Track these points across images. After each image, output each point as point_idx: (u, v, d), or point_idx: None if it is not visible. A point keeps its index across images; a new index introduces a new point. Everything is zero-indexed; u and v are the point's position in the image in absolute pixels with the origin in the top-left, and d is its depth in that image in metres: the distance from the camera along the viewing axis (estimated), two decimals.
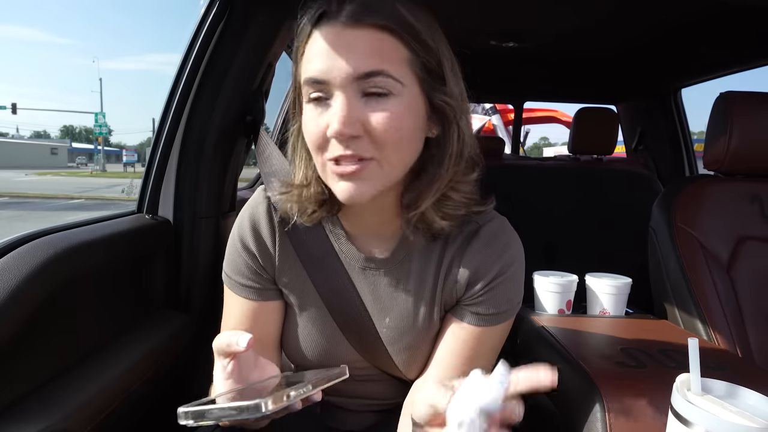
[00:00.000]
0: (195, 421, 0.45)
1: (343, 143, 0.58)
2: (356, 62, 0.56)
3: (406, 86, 0.59)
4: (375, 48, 0.57)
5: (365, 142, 0.58)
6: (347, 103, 0.57)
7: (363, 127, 0.57)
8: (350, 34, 0.57)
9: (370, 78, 0.57)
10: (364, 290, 0.73)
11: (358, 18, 0.57)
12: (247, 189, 1.86)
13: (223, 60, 1.12)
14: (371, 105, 0.58)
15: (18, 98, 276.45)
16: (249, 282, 0.73)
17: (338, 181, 0.60)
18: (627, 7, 1.38)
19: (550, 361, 0.90)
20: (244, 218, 0.73)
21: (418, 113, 0.61)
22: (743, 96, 1.16)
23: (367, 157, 0.58)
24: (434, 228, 0.67)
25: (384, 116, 0.57)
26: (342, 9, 0.58)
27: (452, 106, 0.62)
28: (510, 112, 4.95)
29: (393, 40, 0.57)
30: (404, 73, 0.58)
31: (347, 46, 0.57)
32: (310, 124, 0.60)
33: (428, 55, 0.60)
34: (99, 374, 0.82)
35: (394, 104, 0.58)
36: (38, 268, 0.71)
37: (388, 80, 0.57)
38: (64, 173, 33.78)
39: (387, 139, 0.58)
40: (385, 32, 0.57)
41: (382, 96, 0.58)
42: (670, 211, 1.19)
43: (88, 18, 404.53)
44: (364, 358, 0.75)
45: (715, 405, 0.51)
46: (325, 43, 0.58)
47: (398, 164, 0.62)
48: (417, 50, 0.59)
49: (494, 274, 0.69)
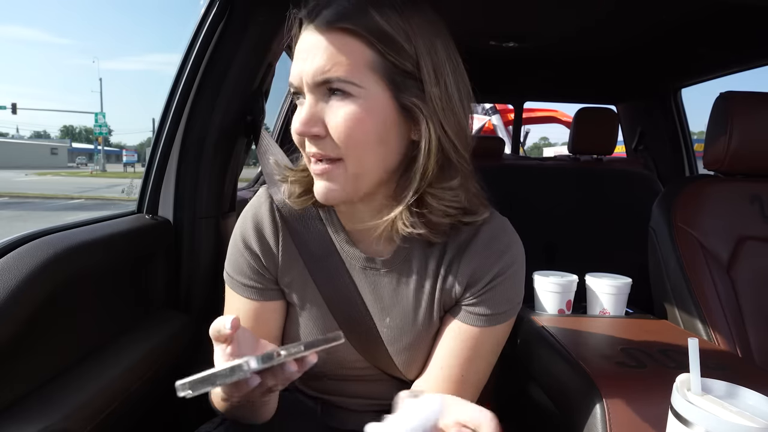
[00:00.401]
0: (193, 390, 0.45)
1: (310, 142, 0.62)
2: (315, 67, 0.59)
3: (366, 89, 0.59)
4: (335, 53, 0.59)
5: (329, 142, 0.61)
6: (310, 104, 0.61)
7: (324, 127, 0.60)
8: (317, 39, 0.60)
9: (328, 84, 0.59)
10: (365, 290, 0.73)
11: (328, 23, 0.59)
12: (247, 189, 1.86)
13: (223, 60, 1.12)
14: (332, 106, 0.60)
15: (18, 98, 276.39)
16: (251, 282, 0.73)
17: (316, 181, 0.64)
18: (627, 8, 1.38)
19: (550, 361, 0.90)
20: (247, 218, 0.73)
21: (384, 115, 0.61)
22: (743, 96, 1.16)
23: (332, 156, 0.61)
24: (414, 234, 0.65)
25: (342, 117, 0.59)
26: (319, 14, 0.60)
27: (421, 109, 0.61)
28: (510, 112, 4.95)
29: (357, 44, 0.59)
30: (366, 77, 0.59)
31: (311, 51, 0.60)
32: (292, 123, 0.64)
33: (401, 57, 0.59)
34: (99, 374, 0.82)
35: (353, 106, 0.59)
36: (38, 268, 0.71)
37: (345, 85, 0.59)
38: (64, 173, 33.80)
39: (349, 140, 0.60)
40: (349, 36, 0.59)
41: (344, 98, 0.59)
42: (670, 211, 1.19)
43: (88, 18, 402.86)
44: (365, 358, 0.75)
45: (715, 405, 0.51)
46: (299, 48, 0.62)
47: (367, 166, 0.62)
48: (385, 53, 0.59)
49: (494, 274, 0.69)
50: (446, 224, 0.66)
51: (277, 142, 1.19)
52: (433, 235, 0.66)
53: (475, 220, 0.68)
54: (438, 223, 0.65)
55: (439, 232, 0.66)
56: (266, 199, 0.73)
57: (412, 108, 0.61)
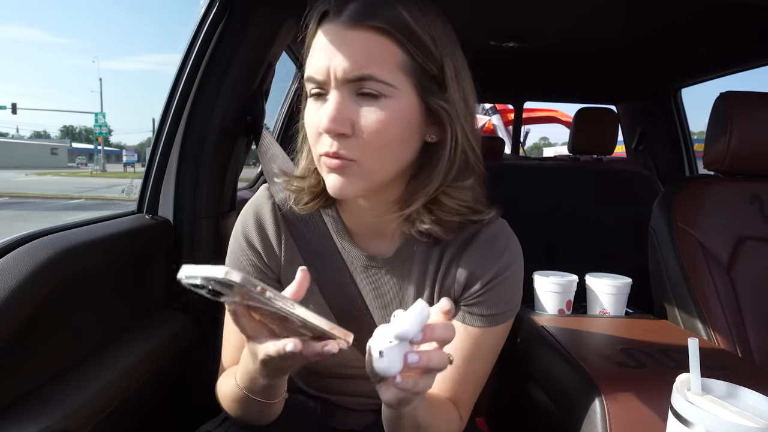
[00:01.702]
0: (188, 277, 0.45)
1: (332, 140, 0.59)
2: (348, 65, 0.57)
3: (398, 90, 0.59)
4: (369, 51, 0.58)
5: (352, 142, 0.59)
6: (339, 101, 0.58)
7: (352, 126, 0.59)
8: (347, 36, 0.58)
9: (360, 81, 0.58)
10: (365, 289, 0.73)
11: (357, 19, 0.57)
12: (247, 189, 1.86)
13: (223, 60, 1.11)
14: (363, 106, 0.59)
15: (18, 98, 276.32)
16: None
17: (328, 174, 0.62)
18: (627, 8, 1.38)
19: (550, 361, 0.90)
20: (249, 216, 0.73)
21: (410, 117, 0.61)
22: (743, 96, 1.16)
23: (348, 157, 0.59)
24: (424, 231, 0.66)
25: (373, 118, 0.58)
26: (344, 9, 0.58)
27: (448, 112, 0.62)
28: (510, 112, 4.95)
29: (389, 43, 0.58)
30: (398, 77, 0.59)
31: (343, 48, 0.58)
32: (308, 117, 0.62)
33: (428, 60, 0.60)
34: (99, 374, 0.81)
35: (384, 107, 0.58)
36: (38, 268, 0.71)
37: (377, 84, 0.58)
38: (64, 173, 33.79)
39: (373, 143, 0.59)
40: (382, 35, 0.58)
41: (374, 98, 0.58)
42: (670, 211, 1.19)
43: (88, 18, 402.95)
44: (364, 357, 0.75)
45: (715, 405, 0.51)
46: (324, 42, 0.59)
47: (381, 167, 0.62)
48: (415, 54, 0.59)
49: (492, 275, 0.69)
50: (455, 223, 0.67)
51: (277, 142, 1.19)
52: (443, 233, 0.66)
53: (482, 218, 0.69)
54: (449, 221, 0.66)
55: (449, 230, 0.67)
56: (267, 198, 0.73)
57: (438, 111, 0.62)
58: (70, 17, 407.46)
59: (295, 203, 0.70)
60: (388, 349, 0.48)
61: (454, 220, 0.67)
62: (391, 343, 0.48)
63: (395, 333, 0.48)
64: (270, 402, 0.65)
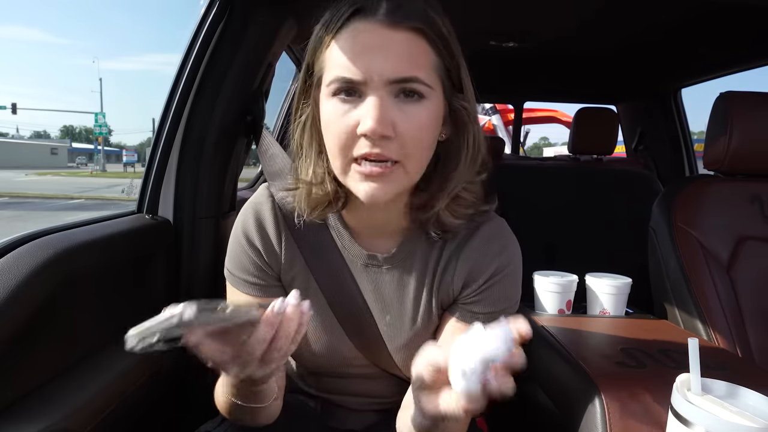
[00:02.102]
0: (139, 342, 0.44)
1: (373, 143, 0.57)
2: (392, 65, 0.56)
3: (434, 90, 0.60)
4: (410, 53, 0.57)
5: (394, 145, 0.58)
6: (381, 103, 0.57)
7: (394, 129, 0.58)
8: (386, 35, 0.57)
9: (405, 83, 0.57)
10: (366, 288, 0.73)
11: (395, 18, 0.57)
12: (247, 189, 1.86)
13: (223, 60, 1.11)
14: (403, 108, 0.58)
15: (18, 98, 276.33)
16: (253, 279, 0.73)
17: (361, 182, 0.60)
18: (627, 7, 1.38)
19: (550, 361, 0.90)
20: (249, 215, 0.73)
21: (439, 119, 0.62)
22: (743, 96, 1.16)
23: (393, 158, 0.59)
24: (446, 227, 0.68)
25: (415, 120, 0.58)
26: (378, 7, 0.58)
27: (468, 111, 0.63)
28: (510, 112, 4.95)
29: (425, 45, 0.58)
30: (433, 79, 0.59)
31: (384, 48, 0.57)
32: (336, 121, 0.59)
33: (451, 60, 0.61)
34: (99, 374, 0.82)
35: (424, 109, 0.59)
36: (38, 268, 0.71)
37: (421, 86, 0.58)
38: (64, 173, 33.78)
39: (415, 144, 0.59)
40: (420, 36, 0.58)
41: (417, 100, 0.58)
42: (670, 211, 1.19)
43: (88, 18, 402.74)
44: (364, 356, 0.76)
45: (715, 405, 0.51)
46: (359, 42, 0.57)
47: (419, 168, 0.63)
48: (444, 56, 0.60)
49: (490, 273, 0.70)
50: (468, 215, 0.69)
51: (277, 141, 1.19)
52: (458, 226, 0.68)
53: (489, 208, 0.71)
54: (464, 214, 0.68)
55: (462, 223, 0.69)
56: (267, 198, 0.73)
57: (459, 110, 0.63)
58: (70, 17, 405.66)
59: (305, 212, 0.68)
60: (472, 371, 0.45)
61: (469, 212, 0.68)
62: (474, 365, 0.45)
63: (484, 356, 0.45)
64: (261, 406, 0.65)
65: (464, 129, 0.64)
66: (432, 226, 0.68)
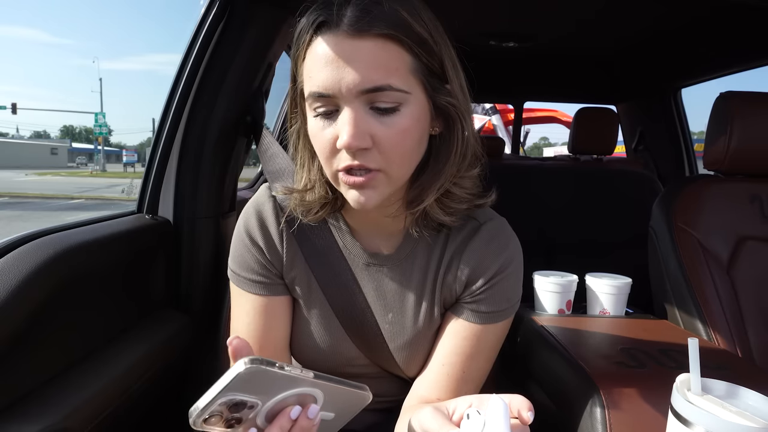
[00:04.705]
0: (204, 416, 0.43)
1: (352, 154, 0.58)
2: (361, 76, 0.55)
3: (411, 94, 0.58)
4: (379, 60, 0.56)
5: (374, 154, 0.58)
6: (355, 116, 0.56)
7: (372, 138, 0.57)
8: (353, 45, 0.55)
9: (377, 92, 0.56)
10: (367, 287, 0.73)
11: (359, 27, 0.55)
12: (247, 189, 1.86)
13: (223, 60, 1.11)
14: (380, 118, 0.57)
15: (18, 98, 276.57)
16: (258, 277, 0.73)
17: (348, 190, 0.61)
18: (627, 7, 1.38)
19: (550, 361, 0.90)
20: (250, 214, 0.73)
21: (423, 118, 0.61)
22: (743, 96, 1.16)
23: (374, 168, 0.59)
24: (438, 222, 0.68)
25: (393, 130, 0.58)
26: (342, 16, 0.56)
27: (456, 106, 0.62)
28: (510, 112, 4.95)
29: (397, 48, 0.57)
30: (409, 82, 0.58)
31: (351, 59, 0.55)
32: (318, 135, 0.60)
33: (431, 58, 0.59)
34: (99, 374, 0.82)
35: (402, 116, 0.58)
36: (38, 268, 0.71)
37: (394, 93, 0.57)
38: (64, 173, 33.77)
39: (396, 151, 0.59)
40: (389, 41, 0.56)
41: (393, 108, 0.57)
42: (670, 211, 1.19)
43: (88, 18, 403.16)
44: (365, 356, 0.76)
45: (715, 405, 0.51)
46: (327, 54, 0.56)
47: (405, 172, 0.63)
48: (420, 55, 0.58)
49: (493, 272, 0.70)
50: (463, 210, 0.68)
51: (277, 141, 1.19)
52: (452, 221, 0.68)
53: (485, 202, 0.70)
54: (458, 209, 0.68)
55: (457, 218, 0.69)
56: (269, 197, 0.74)
57: (446, 107, 0.62)
58: (70, 17, 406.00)
59: (304, 216, 0.69)
60: None
61: (461, 208, 0.68)
62: None
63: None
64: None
65: (453, 124, 0.63)
66: (423, 221, 0.68)
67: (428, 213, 0.66)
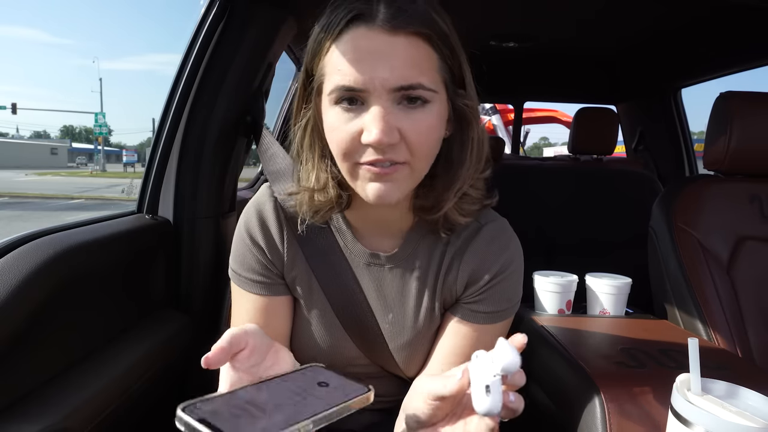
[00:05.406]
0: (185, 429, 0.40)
1: (380, 150, 0.57)
2: (395, 73, 0.55)
3: (438, 93, 0.59)
4: (413, 58, 0.56)
5: (401, 148, 0.58)
6: (385, 112, 0.56)
7: (400, 133, 0.57)
8: (388, 41, 0.55)
9: (408, 90, 0.56)
10: (368, 286, 0.74)
11: (396, 24, 0.55)
12: (247, 189, 1.86)
13: (223, 60, 1.11)
14: (408, 114, 0.58)
15: (18, 98, 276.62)
16: (258, 277, 0.73)
17: (369, 182, 0.60)
18: (627, 7, 1.38)
19: (550, 361, 0.90)
20: (251, 214, 0.73)
21: (444, 119, 0.62)
22: (743, 96, 1.16)
23: (400, 161, 0.59)
24: (454, 225, 0.68)
25: (421, 126, 0.58)
26: (377, 12, 0.56)
27: (471, 109, 0.63)
28: (510, 112, 4.95)
29: (427, 47, 0.57)
30: (436, 81, 0.59)
31: (385, 55, 0.55)
32: (339, 128, 0.59)
33: (453, 59, 0.60)
34: (99, 374, 0.82)
35: (429, 113, 0.58)
36: (38, 268, 0.71)
37: (424, 92, 0.57)
38: (64, 173, 33.76)
39: (422, 146, 0.59)
40: (421, 39, 0.57)
41: (423, 105, 0.58)
42: (670, 211, 1.19)
43: (88, 18, 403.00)
44: (365, 355, 0.76)
45: (715, 405, 0.51)
46: (360, 48, 0.56)
47: (425, 168, 0.63)
48: (446, 57, 0.59)
49: (494, 273, 0.70)
50: (475, 211, 0.69)
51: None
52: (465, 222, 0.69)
53: (491, 202, 0.71)
54: (471, 211, 0.68)
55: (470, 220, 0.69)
56: (270, 197, 0.74)
57: (462, 109, 0.63)
58: (70, 17, 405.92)
59: (311, 216, 0.68)
60: (494, 384, 0.45)
61: (475, 209, 0.69)
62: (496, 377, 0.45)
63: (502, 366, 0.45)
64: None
65: (468, 126, 0.64)
66: (441, 226, 0.68)
67: (447, 217, 0.67)
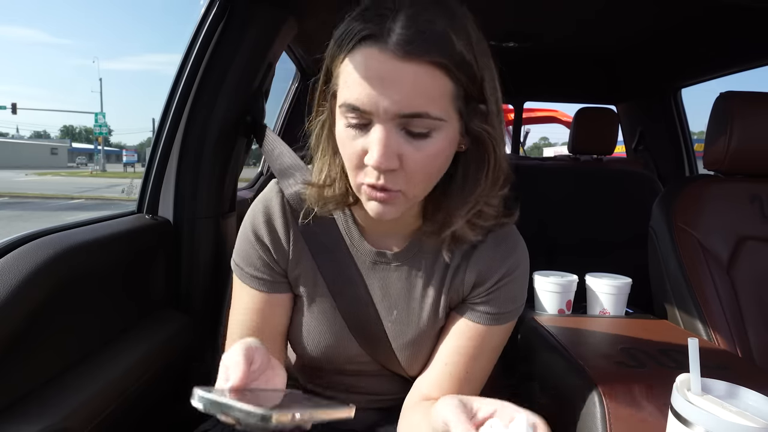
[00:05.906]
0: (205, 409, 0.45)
1: (378, 174, 0.57)
2: (401, 101, 0.54)
3: (447, 121, 0.57)
4: (422, 86, 0.54)
5: (399, 176, 0.58)
6: (387, 136, 0.55)
7: (400, 160, 0.57)
8: (398, 67, 0.53)
9: (413, 118, 0.55)
10: (373, 285, 0.74)
11: (409, 50, 0.52)
12: (247, 189, 1.86)
13: (223, 60, 1.11)
14: (410, 142, 0.56)
15: (18, 98, 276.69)
16: (261, 274, 0.73)
17: (369, 200, 0.61)
18: (627, 7, 1.38)
19: (550, 361, 0.90)
20: (258, 210, 0.73)
21: (454, 140, 0.60)
22: (743, 96, 1.16)
23: (394, 189, 0.58)
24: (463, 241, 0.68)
25: (422, 154, 0.57)
26: (391, 32, 0.53)
27: (490, 133, 0.60)
28: (510, 112, 4.94)
29: (441, 75, 0.54)
30: (447, 109, 0.57)
31: (394, 81, 0.54)
32: (347, 144, 0.59)
33: (472, 84, 0.57)
34: (99, 374, 0.82)
35: (432, 142, 0.57)
36: (38, 268, 0.71)
37: (430, 121, 0.55)
38: (64, 173, 33.76)
39: (418, 175, 0.58)
40: (437, 69, 0.54)
41: (427, 134, 0.56)
42: (670, 211, 1.19)
43: (88, 18, 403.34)
44: (367, 353, 0.76)
45: (715, 405, 0.51)
46: (368, 70, 0.55)
47: (421, 194, 0.62)
48: (463, 82, 0.56)
49: (500, 275, 0.70)
50: (488, 227, 0.68)
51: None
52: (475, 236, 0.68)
53: (509, 221, 0.70)
54: (483, 227, 0.67)
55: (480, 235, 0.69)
56: (277, 193, 0.73)
57: (479, 133, 0.60)
58: (70, 17, 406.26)
59: (319, 208, 0.69)
60: None
61: (488, 225, 0.68)
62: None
63: None
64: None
65: (484, 149, 0.61)
66: (448, 242, 0.67)
67: (457, 234, 0.66)
